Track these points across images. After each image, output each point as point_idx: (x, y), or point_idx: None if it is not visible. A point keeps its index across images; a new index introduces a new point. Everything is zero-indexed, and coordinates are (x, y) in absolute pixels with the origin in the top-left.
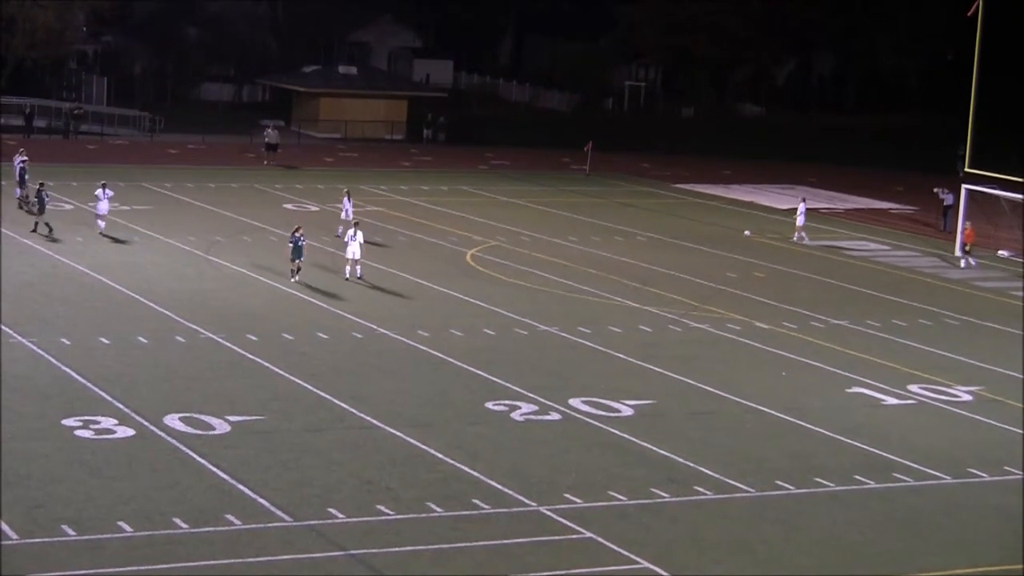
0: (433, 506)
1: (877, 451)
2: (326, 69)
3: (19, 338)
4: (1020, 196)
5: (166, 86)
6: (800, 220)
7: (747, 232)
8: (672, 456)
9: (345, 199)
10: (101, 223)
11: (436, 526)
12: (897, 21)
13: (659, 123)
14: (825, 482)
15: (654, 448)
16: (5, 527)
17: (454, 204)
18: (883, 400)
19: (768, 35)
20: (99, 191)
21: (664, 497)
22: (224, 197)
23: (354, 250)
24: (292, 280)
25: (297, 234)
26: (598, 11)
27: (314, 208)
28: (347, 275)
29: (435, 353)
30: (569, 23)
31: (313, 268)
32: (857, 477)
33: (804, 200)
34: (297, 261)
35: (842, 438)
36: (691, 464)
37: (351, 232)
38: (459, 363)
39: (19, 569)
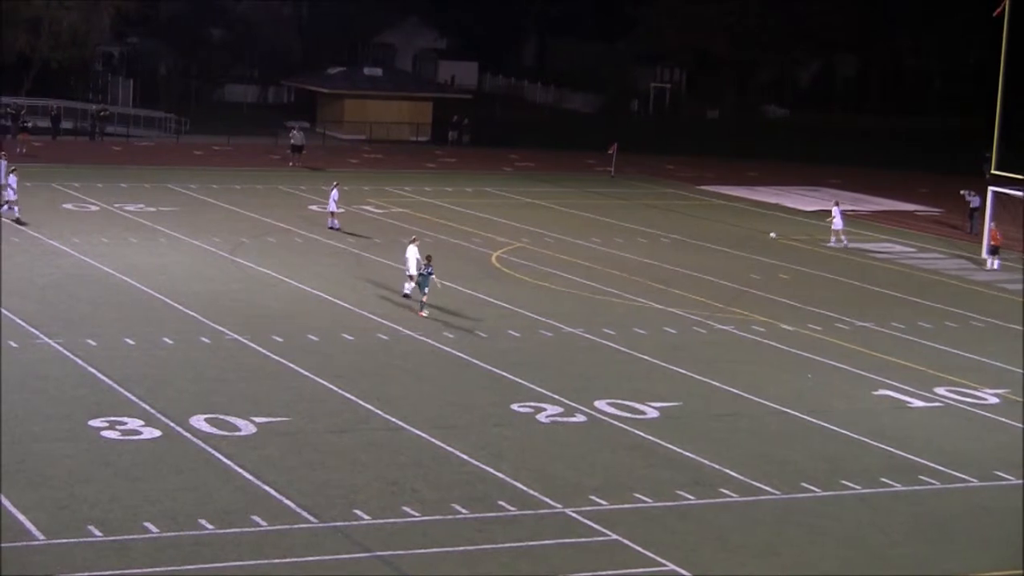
0: (458, 508)
1: (903, 453)
2: (351, 70)
3: (45, 339)
4: None
5: (191, 87)
6: (837, 223)
7: (772, 234)
8: (697, 458)
9: (334, 191)
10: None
11: (461, 528)
12: (920, 23)
13: (684, 125)
14: (851, 484)
15: (679, 450)
16: (32, 527)
17: (479, 206)
18: (909, 402)
19: (790, 37)
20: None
21: (689, 499)
22: (249, 198)
23: (414, 266)
24: (421, 314)
25: (428, 264)
26: (622, 13)
27: (339, 210)
28: (406, 290)
29: (460, 355)
30: (593, 24)
31: (336, 268)
32: (883, 480)
33: (838, 204)
34: (423, 290)
35: (868, 440)
36: (716, 466)
37: (411, 248)
38: (484, 365)
39: (45, 569)
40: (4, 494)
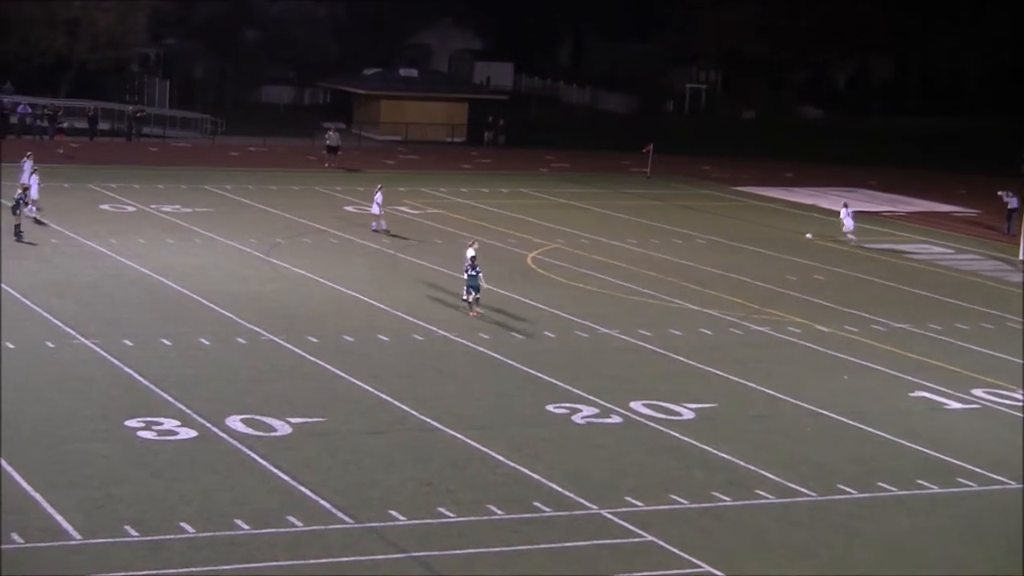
0: (494, 509)
1: (940, 455)
2: (387, 71)
3: (82, 340)
4: None
5: (227, 89)
6: (848, 225)
7: (808, 235)
8: (733, 459)
9: (378, 194)
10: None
11: (497, 529)
12: (956, 24)
13: (719, 125)
14: (887, 486)
15: (715, 451)
16: (69, 527)
17: (514, 206)
18: (946, 404)
19: (825, 38)
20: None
21: (725, 501)
22: (285, 199)
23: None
24: (471, 315)
25: (474, 265)
26: (656, 13)
27: (375, 211)
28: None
29: (496, 355)
30: (628, 25)
31: (372, 269)
32: (920, 482)
33: (846, 205)
34: (473, 294)
35: (905, 442)
36: (752, 468)
37: (470, 251)
38: (520, 365)
39: (82, 569)
40: (41, 494)
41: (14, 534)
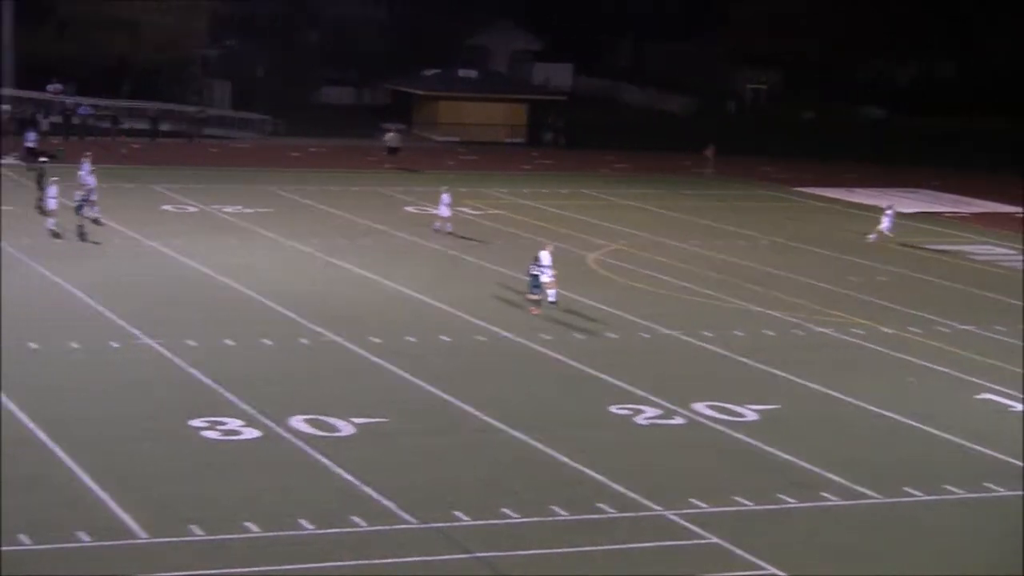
0: (557, 509)
1: (1006, 458)
2: (446, 72)
3: (146, 339)
4: None
5: (288, 90)
6: (886, 223)
7: (870, 236)
8: (797, 461)
9: (443, 195)
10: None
11: (560, 530)
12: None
13: (780, 126)
14: (953, 489)
15: (779, 453)
16: (134, 526)
17: (575, 207)
18: (1012, 406)
19: (886, 38)
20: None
21: (790, 503)
22: (345, 200)
23: (548, 272)
24: (532, 312)
25: (539, 264)
26: (716, 14)
27: (435, 211)
28: (551, 298)
29: (558, 356)
30: (688, 26)
31: (433, 269)
32: (986, 484)
33: (890, 207)
34: (536, 294)
35: (970, 444)
36: (817, 469)
37: (543, 253)
38: (582, 366)
39: (147, 568)
40: (107, 493)
41: (81, 533)
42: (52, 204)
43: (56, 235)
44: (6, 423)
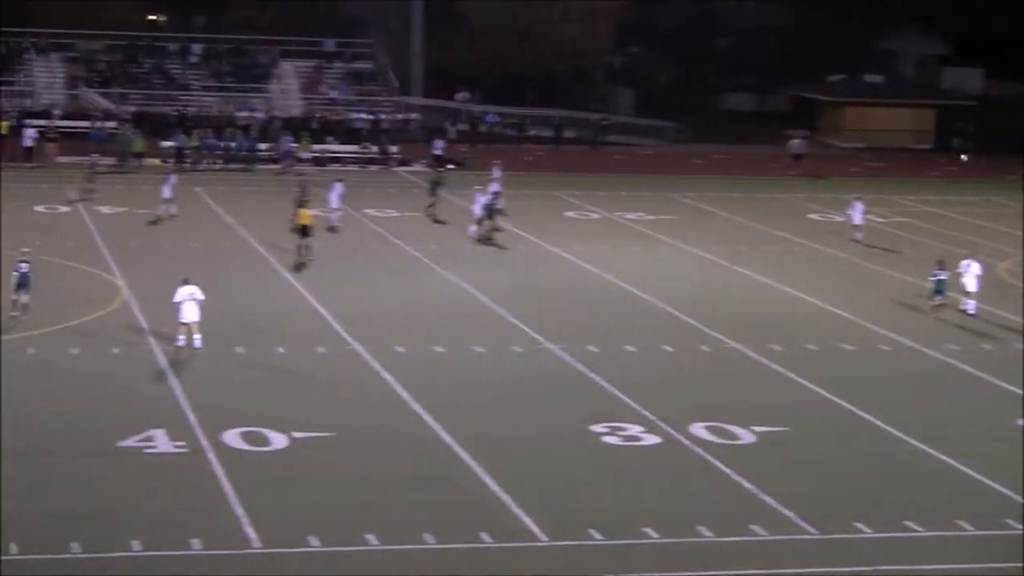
0: (963, 524)
1: None
2: (852, 78)
3: (547, 344)
4: None
5: (691, 96)
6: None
7: None
8: None
9: (856, 203)
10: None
11: (965, 544)
12: None
13: None
14: None
15: None
16: (536, 528)
17: (984, 215)
18: None
19: None
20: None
21: None
22: (748, 207)
23: (970, 283)
24: (933, 318)
25: (943, 268)
26: None
27: (839, 218)
28: (969, 309)
29: (965, 367)
30: None
31: (836, 278)
32: None
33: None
34: (939, 299)
35: None
36: None
37: (965, 263)
38: (990, 378)
39: (549, 570)
40: (509, 495)
41: (484, 534)
42: (478, 211)
43: (481, 240)
44: (413, 424)
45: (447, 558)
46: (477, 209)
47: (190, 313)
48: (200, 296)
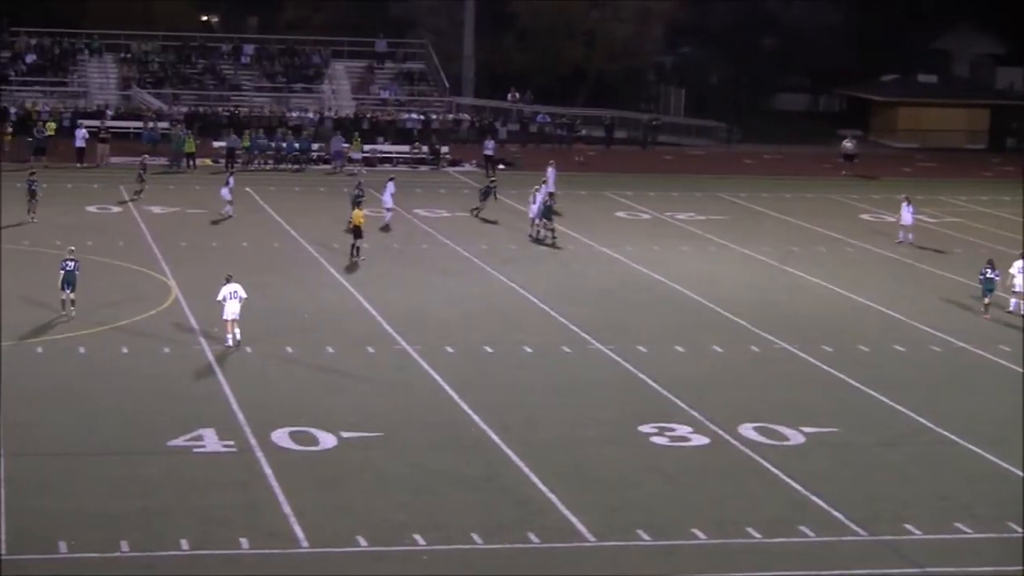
0: (1014, 526)
1: None
2: (905, 78)
3: (598, 345)
4: None
5: (742, 96)
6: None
7: None
8: None
9: (904, 206)
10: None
11: (1016, 547)
12: None
13: None
14: None
15: None
16: (583, 529)
17: None
18: None
19: None
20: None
21: None
22: (799, 207)
23: (1020, 283)
24: (986, 319)
25: (993, 268)
26: None
27: (891, 219)
28: (1016, 308)
29: (1016, 368)
30: None
31: (888, 278)
32: None
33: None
34: (988, 298)
35: None
36: None
37: (1019, 264)
38: None
39: (597, 570)
40: (557, 495)
41: (531, 534)
42: (533, 211)
43: (535, 240)
44: (461, 424)
45: (494, 558)
46: (533, 209)
47: (231, 310)
48: (243, 294)
